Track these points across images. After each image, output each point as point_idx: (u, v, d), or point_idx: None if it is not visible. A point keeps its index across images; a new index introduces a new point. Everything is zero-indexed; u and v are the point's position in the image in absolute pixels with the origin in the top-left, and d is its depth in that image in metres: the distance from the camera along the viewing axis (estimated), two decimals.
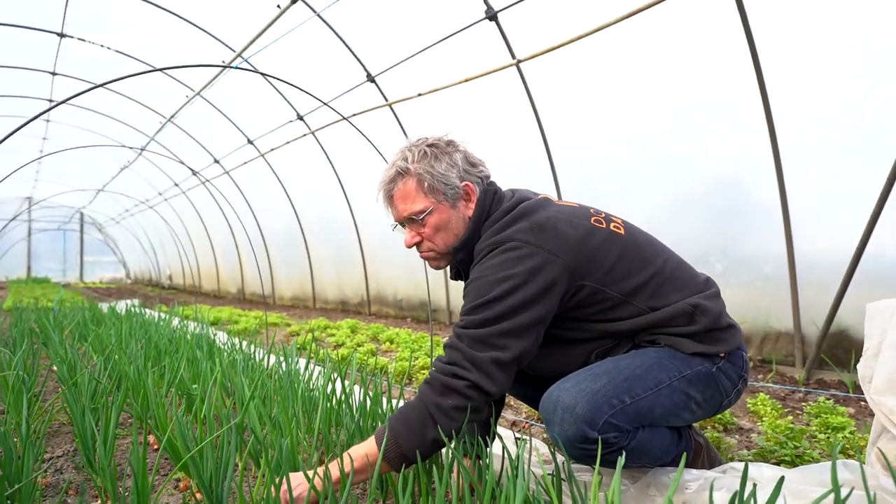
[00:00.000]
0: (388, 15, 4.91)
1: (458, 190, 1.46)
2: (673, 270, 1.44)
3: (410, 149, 1.48)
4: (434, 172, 1.44)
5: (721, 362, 1.39)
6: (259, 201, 9.25)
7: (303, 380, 2.21)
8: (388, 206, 1.52)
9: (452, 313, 6.13)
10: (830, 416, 2.02)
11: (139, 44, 6.56)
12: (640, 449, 1.29)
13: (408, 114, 5.57)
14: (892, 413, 1.03)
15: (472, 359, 1.26)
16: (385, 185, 1.49)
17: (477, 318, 1.29)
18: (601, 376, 1.28)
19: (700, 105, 3.61)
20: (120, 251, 20.46)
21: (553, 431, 1.27)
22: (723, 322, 1.41)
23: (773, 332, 3.64)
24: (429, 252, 1.51)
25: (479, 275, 1.34)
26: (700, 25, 3.37)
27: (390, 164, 1.49)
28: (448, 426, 1.25)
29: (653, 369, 1.32)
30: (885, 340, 1.11)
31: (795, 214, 3.33)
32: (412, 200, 1.45)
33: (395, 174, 1.47)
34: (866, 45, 2.86)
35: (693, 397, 1.34)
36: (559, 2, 3.77)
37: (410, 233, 1.50)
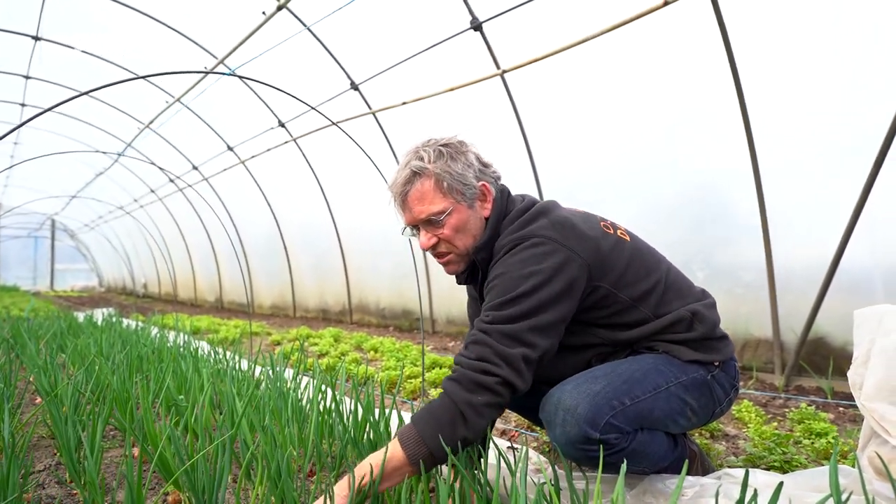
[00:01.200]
0: (373, 23, 4.91)
1: (476, 190, 1.43)
2: (674, 279, 1.48)
3: (424, 149, 1.43)
4: (452, 172, 1.40)
5: (716, 371, 1.42)
6: (239, 209, 9.14)
7: (291, 389, 2.19)
8: (402, 208, 1.45)
9: (436, 321, 6.12)
10: (813, 422, 2.06)
11: (118, 48, 6.46)
12: (639, 451, 1.30)
13: (391, 122, 5.57)
14: (882, 419, 1.06)
15: (502, 355, 1.23)
16: (400, 187, 1.43)
17: (505, 313, 1.26)
18: (600, 378, 1.29)
19: (681, 116, 3.68)
20: (93, 259, 19.99)
21: (554, 433, 1.27)
22: (718, 332, 1.45)
23: (753, 340, 3.71)
24: (447, 255, 1.46)
25: (504, 270, 1.32)
26: (680, 39, 3.44)
27: (402, 165, 1.44)
28: (479, 424, 1.22)
29: (651, 373, 1.33)
30: (874, 347, 1.14)
31: (774, 224, 3.40)
32: (430, 201, 1.40)
33: (411, 175, 1.41)
34: (843, 59, 2.95)
35: (689, 403, 1.36)
36: (543, 14, 3.82)
37: (427, 235, 1.43)
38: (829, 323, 3.31)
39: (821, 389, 3.16)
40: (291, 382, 2.27)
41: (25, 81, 7.27)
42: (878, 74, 2.86)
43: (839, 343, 3.32)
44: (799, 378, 3.40)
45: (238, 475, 1.63)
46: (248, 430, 1.51)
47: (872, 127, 2.86)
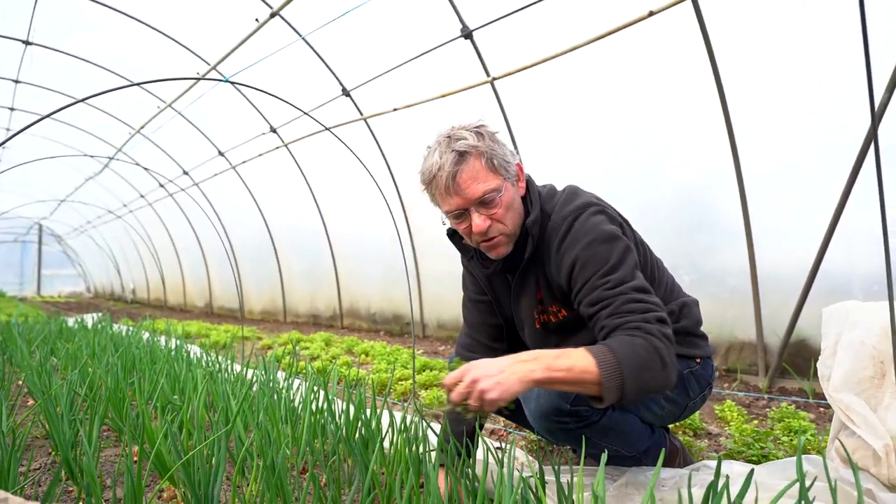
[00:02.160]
0: (365, 30, 4.97)
1: (514, 169, 1.43)
2: (668, 276, 1.57)
3: (459, 132, 1.39)
4: (496, 151, 1.38)
5: (696, 367, 1.49)
6: (229, 214, 9.14)
7: (283, 390, 2.22)
8: (449, 192, 1.35)
9: (426, 326, 6.16)
10: (793, 420, 2.12)
11: (110, 53, 6.47)
12: (612, 428, 1.37)
13: (383, 128, 5.63)
14: (847, 409, 1.12)
15: (654, 302, 1.26)
16: (450, 168, 1.33)
17: (620, 275, 1.28)
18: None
19: (668, 124, 3.76)
20: (81, 264, 19.82)
21: (530, 407, 1.35)
22: (700, 330, 1.53)
23: (737, 343, 3.78)
24: (499, 236, 1.39)
25: (588, 240, 1.32)
26: (666, 48, 3.52)
27: (442, 150, 1.36)
28: (672, 367, 1.20)
29: None
30: (841, 341, 1.20)
31: (757, 230, 3.48)
32: (484, 179, 1.34)
33: (458, 156, 1.34)
34: (824, 70, 3.04)
35: (665, 393, 1.43)
36: (532, 23, 3.90)
37: (481, 217, 1.35)
38: (811, 326, 3.39)
39: (803, 390, 3.24)
40: (284, 384, 2.31)
41: (15, 86, 7.25)
42: (857, 87, 2.94)
43: (820, 345, 3.40)
44: (782, 380, 3.48)
45: (232, 473, 1.66)
46: (242, 428, 1.55)
47: (850, 137, 2.95)
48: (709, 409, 2.70)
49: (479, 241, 1.41)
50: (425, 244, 5.98)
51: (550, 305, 1.46)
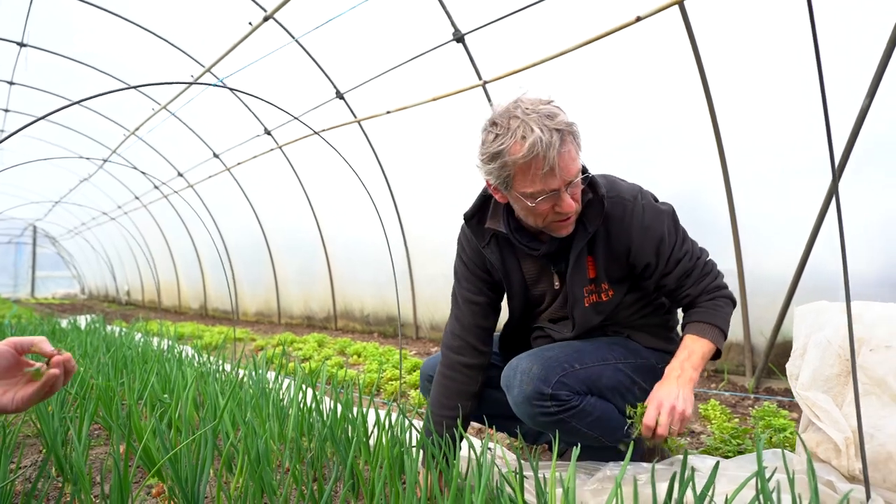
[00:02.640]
0: (358, 33, 5.01)
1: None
2: None
3: (549, 109, 1.32)
4: (574, 127, 1.35)
5: (667, 362, 1.53)
6: (224, 216, 9.15)
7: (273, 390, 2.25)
8: (552, 173, 1.29)
9: (419, 327, 6.19)
10: (774, 418, 2.16)
11: (104, 56, 6.49)
12: (590, 412, 1.44)
13: (376, 130, 5.66)
14: (814, 405, 1.16)
15: (714, 266, 1.62)
16: (557, 149, 1.27)
17: (690, 245, 1.58)
18: (554, 348, 1.49)
19: (657, 128, 3.81)
20: (75, 266, 19.78)
21: (513, 393, 1.43)
22: (676, 325, 1.60)
23: (725, 344, 3.82)
24: (574, 215, 1.42)
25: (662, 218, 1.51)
26: (655, 53, 3.57)
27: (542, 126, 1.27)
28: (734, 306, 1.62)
29: (601, 349, 1.52)
30: (810, 341, 1.24)
31: (744, 232, 3.53)
32: (576, 159, 1.34)
33: (561, 135, 1.28)
34: (809, 75, 3.09)
35: (637, 382, 1.53)
36: (522, 28, 3.94)
37: (570, 198, 1.34)
38: None
39: (788, 391, 3.28)
40: (274, 384, 2.34)
41: (10, 87, 7.26)
42: (841, 91, 2.99)
43: None
44: (769, 380, 3.52)
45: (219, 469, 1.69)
46: (230, 425, 1.58)
47: (834, 140, 3.00)
48: (693, 408, 2.74)
49: (552, 221, 1.39)
50: (419, 246, 6.01)
51: (602, 283, 1.54)
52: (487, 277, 1.67)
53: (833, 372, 1.18)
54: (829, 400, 1.16)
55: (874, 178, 3.00)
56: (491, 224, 1.56)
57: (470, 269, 1.69)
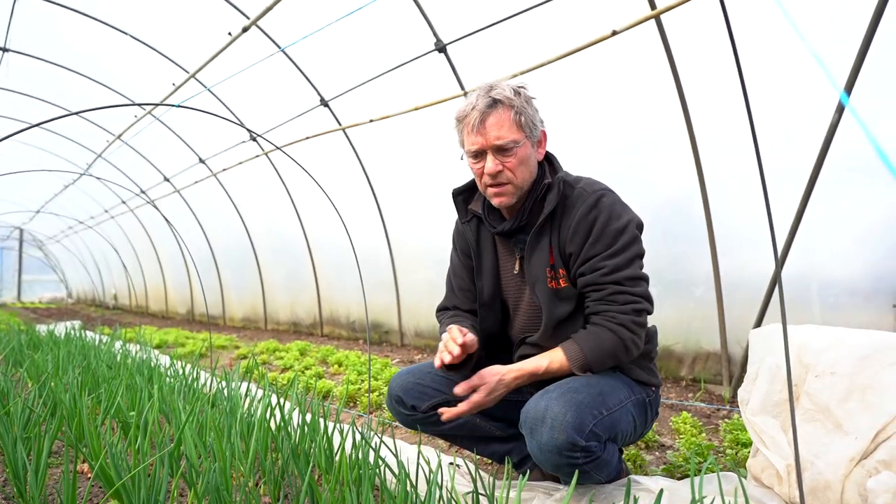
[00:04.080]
0: (342, 42, 5.02)
1: (539, 134, 1.56)
2: None
3: (500, 85, 1.52)
4: (527, 110, 1.51)
5: (653, 395, 1.56)
6: (210, 221, 9.12)
7: (245, 404, 2.24)
8: (474, 131, 1.49)
9: (404, 334, 6.19)
10: (741, 432, 2.18)
11: (89, 61, 6.46)
12: (607, 461, 1.43)
13: (360, 137, 5.67)
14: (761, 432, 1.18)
15: (639, 294, 1.45)
16: (480, 108, 1.48)
17: (621, 259, 1.45)
18: (580, 390, 1.41)
19: (634, 139, 3.84)
20: (62, 270, 19.60)
21: (541, 439, 1.34)
22: (656, 358, 1.62)
23: (703, 353, 3.85)
24: (506, 185, 1.51)
25: (608, 217, 1.46)
26: (633, 66, 3.60)
27: (480, 94, 1.51)
28: (634, 356, 1.47)
29: (615, 389, 1.48)
30: (762, 366, 1.26)
31: (721, 241, 3.56)
32: (508, 129, 1.48)
33: (493, 101, 1.48)
34: (782, 87, 3.13)
35: (635, 420, 1.50)
36: (503, 39, 3.97)
37: (494, 161, 1.49)
38: None
39: None
40: (246, 399, 2.33)
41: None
42: (813, 105, 3.03)
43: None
44: None
45: (184, 490, 1.69)
46: (191, 444, 1.58)
47: (806, 152, 3.04)
48: (665, 420, 2.76)
49: (487, 185, 1.53)
50: (403, 252, 6.02)
51: (559, 269, 1.55)
52: (470, 263, 1.75)
53: (782, 397, 1.19)
54: (777, 425, 1.17)
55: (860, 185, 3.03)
56: (473, 206, 1.68)
57: (459, 256, 1.78)
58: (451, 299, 1.79)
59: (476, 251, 1.70)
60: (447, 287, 1.82)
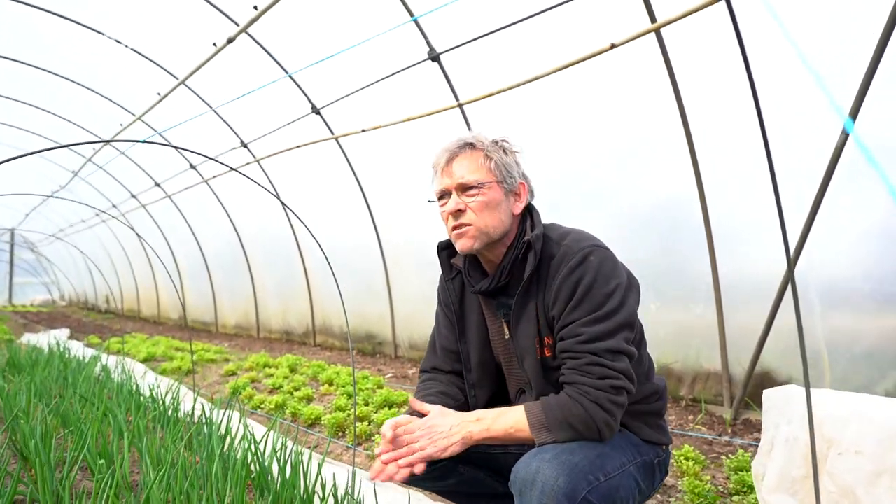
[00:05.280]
0: (334, 50, 4.89)
1: (515, 184, 1.46)
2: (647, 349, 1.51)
3: (477, 135, 1.48)
4: (502, 159, 1.45)
5: (662, 456, 1.44)
6: (202, 227, 8.98)
7: (226, 443, 2.13)
8: (442, 171, 1.45)
9: (398, 346, 6.07)
10: (747, 473, 2.08)
11: (77, 66, 6.32)
12: None
13: (353, 146, 5.55)
14: None
15: (619, 370, 1.28)
16: (450, 149, 1.45)
17: (602, 328, 1.30)
18: (577, 450, 1.27)
19: (631, 151, 3.74)
20: (54, 273, 19.40)
21: (541, 489, 1.21)
22: (665, 412, 1.49)
23: (703, 372, 3.76)
24: (467, 227, 1.42)
25: (594, 278, 1.32)
26: (629, 76, 3.50)
27: (458, 139, 1.47)
28: (608, 437, 1.30)
29: (617, 450, 1.34)
30: (778, 436, 1.15)
31: (721, 259, 3.47)
32: (476, 170, 1.42)
33: (465, 144, 1.45)
34: (783, 94, 3.03)
35: (639, 485, 1.36)
36: (499, 48, 3.86)
37: (456, 201, 1.42)
38: (774, 358, 3.38)
39: None
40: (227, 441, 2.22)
41: None
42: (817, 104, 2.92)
43: (783, 378, 3.38)
44: (747, 411, 3.45)
45: None
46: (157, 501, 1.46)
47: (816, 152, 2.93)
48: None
49: (450, 228, 1.45)
50: (397, 262, 5.91)
51: (546, 337, 1.41)
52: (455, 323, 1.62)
53: (800, 474, 1.09)
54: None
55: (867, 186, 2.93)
56: (456, 261, 1.57)
57: (444, 313, 1.64)
58: (432, 359, 1.66)
59: (459, 313, 1.57)
60: (430, 345, 1.69)
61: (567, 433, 1.27)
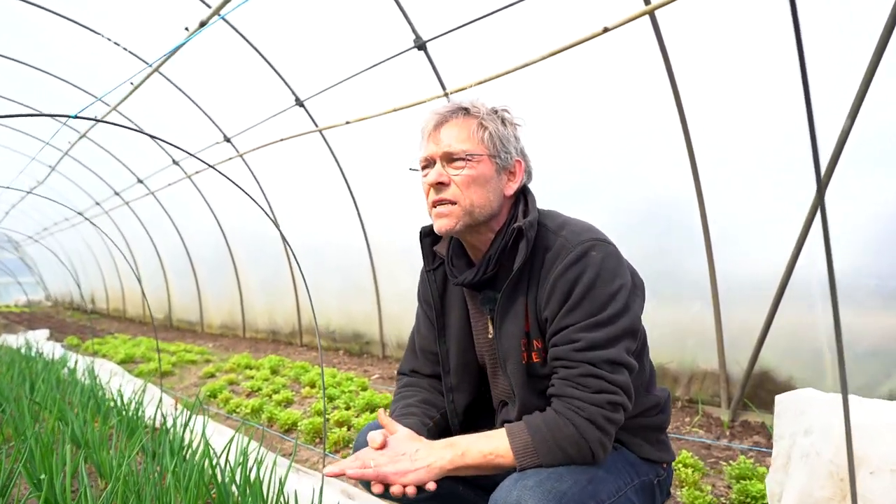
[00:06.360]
0: (317, 39, 4.72)
1: (510, 161, 1.27)
2: (649, 357, 1.36)
3: (475, 101, 1.29)
4: (498, 130, 1.26)
5: (663, 475, 1.28)
6: (186, 224, 8.77)
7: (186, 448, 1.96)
8: (429, 136, 1.26)
9: (386, 345, 5.91)
10: (750, 482, 1.94)
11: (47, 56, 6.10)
12: None
13: (338, 138, 5.38)
14: None
15: (617, 383, 1.11)
16: (440, 113, 1.26)
17: (602, 335, 1.12)
18: (564, 476, 1.11)
19: (626, 141, 3.60)
20: (39, 272, 19.07)
21: None
22: (668, 426, 1.33)
23: (699, 372, 3.62)
24: (448, 204, 1.23)
25: (595, 277, 1.13)
26: (624, 63, 3.36)
27: (450, 104, 1.29)
28: (602, 459, 1.14)
29: (613, 472, 1.18)
30: (795, 449, 1.00)
31: (719, 255, 3.34)
32: (466, 139, 1.23)
33: (458, 108, 1.27)
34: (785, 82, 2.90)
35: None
36: (487, 36, 3.70)
37: (440, 172, 1.23)
38: (774, 357, 3.25)
39: (765, 426, 3.08)
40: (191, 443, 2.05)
41: None
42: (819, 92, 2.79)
43: (783, 377, 3.25)
44: (745, 412, 3.33)
45: None
46: None
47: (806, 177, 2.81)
48: None
49: (430, 203, 1.26)
50: (384, 258, 5.74)
51: (535, 340, 1.23)
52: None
53: (824, 495, 0.94)
54: None
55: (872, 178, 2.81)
56: (439, 248, 1.38)
57: (424, 311, 1.46)
58: (411, 361, 1.49)
59: (440, 308, 1.38)
60: (409, 345, 1.52)
61: (556, 457, 1.10)
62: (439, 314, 1.38)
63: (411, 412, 1.32)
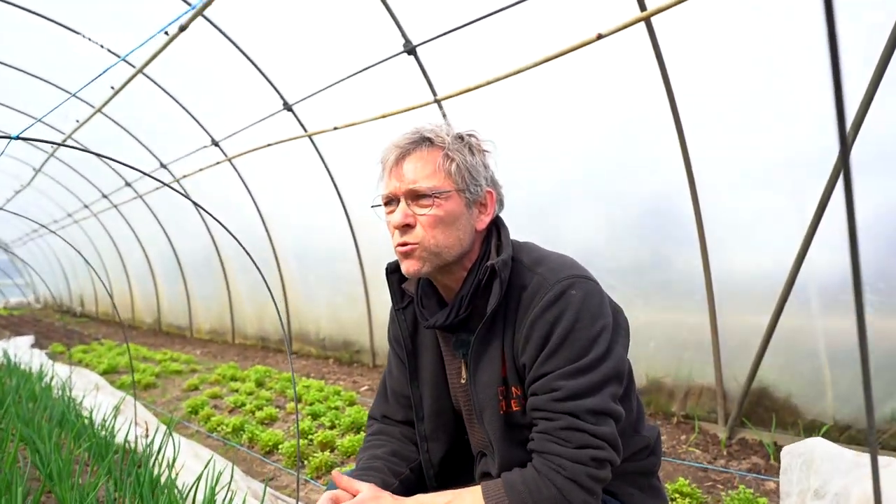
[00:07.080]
0: (306, 42, 4.61)
1: (480, 193, 1.15)
2: (636, 393, 1.24)
3: (442, 127, 1.17)
4: (466, 161, 1.13)
5: None
6: (175, 228, 8.63)
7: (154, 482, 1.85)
8: (391, 171, 1.15)
9: (377, 354, 5.80)
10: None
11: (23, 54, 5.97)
12: None
13: (327, 143, 5.27)
14: None
15: (602, 435, 1.00)
16: (402, 145, 1.14)
17: (584, 383, 1.02)
18: None
19: (616, 148, 3.51)
20: (29, 274, 18.86)
21: None
22: (658, 469, 1.23)
23: (696, 387, 3.53)
24: (413, 245, 1.12)
25: (575, 318, 1.03)
26: (618, 68, 3.27)
27: (413, 131, 1.17)
28: None
29: None
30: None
31: (715, 265, 3.25)
32: (431, 174, 1.11)
33: (421, 138, 1.14)
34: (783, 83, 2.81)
35: None
36: (478, 41, 3.60)
37: (405, 212, 1.12)
38: (772, 373, 3.16)
39: (763, 445, 2.99)
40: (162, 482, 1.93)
41: None
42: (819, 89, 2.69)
43: (783, 394, 3.16)
44: (742, 430, 3.23)
45: None
46: None
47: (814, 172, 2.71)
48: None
49: (395, 243, 1.14)
50: (375, 266, 5.63)
51: (514, 387, 1.12)
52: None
53: None
54: None
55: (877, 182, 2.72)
56: (407, 285, 1.25)
57: (394, 349, 1.33)
58: (382, 406, 1.36)
59: (411, 349, 1.26)
60: (380, 388, 1.39)
61: None
62: (411, 356, 1.26)
63: (375, 466, 1.20)
